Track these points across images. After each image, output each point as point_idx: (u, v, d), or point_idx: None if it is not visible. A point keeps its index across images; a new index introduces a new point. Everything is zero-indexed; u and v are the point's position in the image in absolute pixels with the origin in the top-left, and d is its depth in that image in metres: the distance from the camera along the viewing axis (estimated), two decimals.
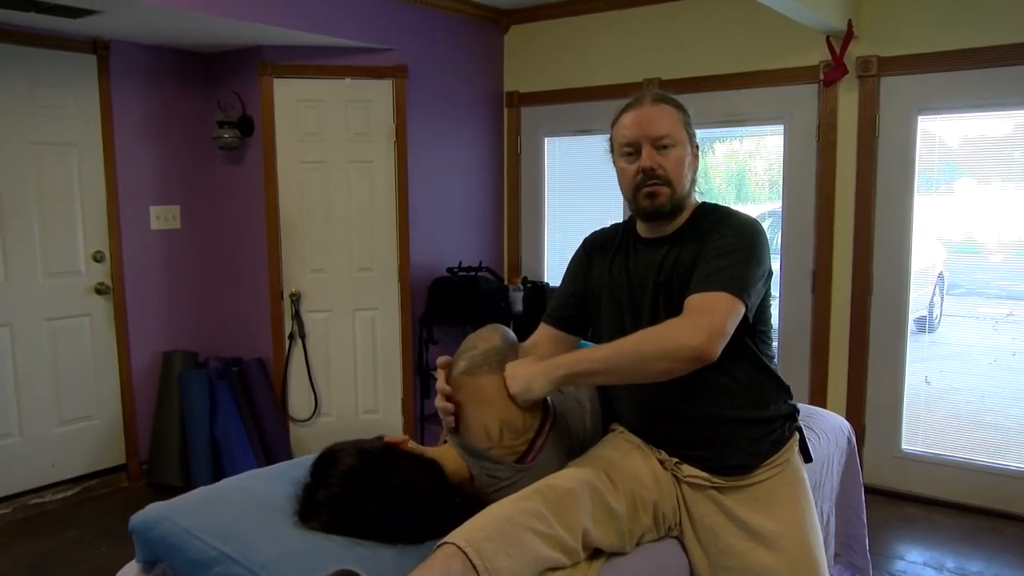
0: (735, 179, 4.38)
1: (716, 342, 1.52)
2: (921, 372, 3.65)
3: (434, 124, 4.20)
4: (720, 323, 1.53)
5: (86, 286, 3.74)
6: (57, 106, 3.58)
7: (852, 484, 2.36)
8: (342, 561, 1.36)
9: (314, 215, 3.99)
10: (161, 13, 3.13)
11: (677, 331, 1.54)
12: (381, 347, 4.15)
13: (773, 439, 1.72)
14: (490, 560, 1.34)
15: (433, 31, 4.14)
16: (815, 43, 3.57)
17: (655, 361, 1.54)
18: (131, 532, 1.65)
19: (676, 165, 1.68)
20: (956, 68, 3.35)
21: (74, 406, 3.72)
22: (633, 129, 1.68)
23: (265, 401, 3.99)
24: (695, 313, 1.55)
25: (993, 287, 3.69)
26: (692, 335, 1.51)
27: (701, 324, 1.52)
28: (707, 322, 1.52)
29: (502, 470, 1.64)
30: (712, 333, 1.51)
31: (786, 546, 1.64)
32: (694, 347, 1.50)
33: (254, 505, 1.62)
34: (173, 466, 3.85)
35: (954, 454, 3.57)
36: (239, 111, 3.95)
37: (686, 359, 1.52)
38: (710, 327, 1.51)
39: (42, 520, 3.51)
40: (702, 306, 1.55)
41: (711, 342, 1.51)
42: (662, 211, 1.69)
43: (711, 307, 1.54)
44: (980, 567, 3.02)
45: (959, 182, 3.59)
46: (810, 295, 3.76)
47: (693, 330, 1.52)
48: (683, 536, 1.74)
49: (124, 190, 3.81)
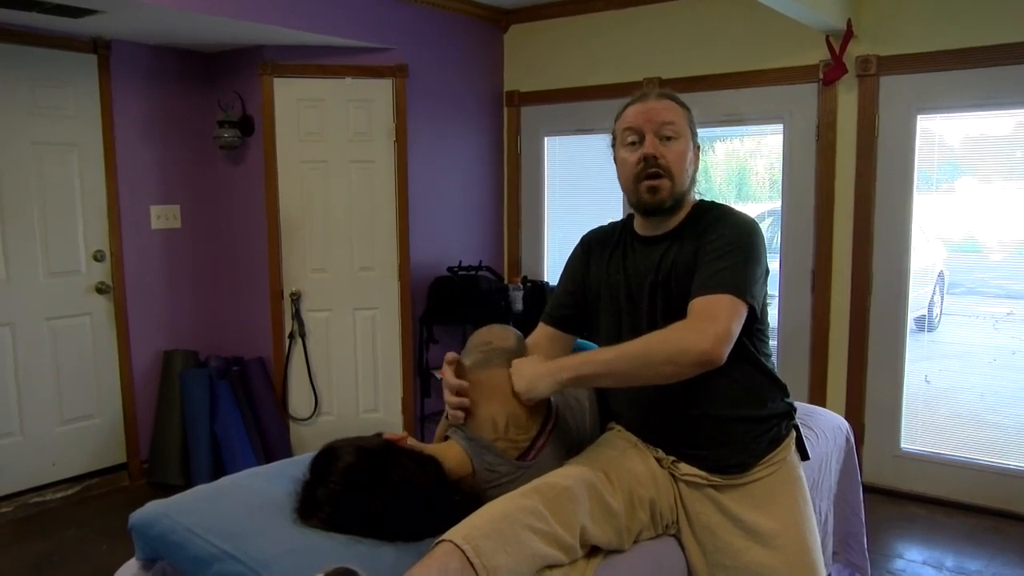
0: (736, 178, 4.39)
1: (723, 346, 1.53)
2: (921, 371, 3.65)
3: (434, 123, 4.20)
4: (726, 327, 1.54)
5: (87, 285, 3.74)
6: (58, 106, 3.58)
7: (850, 483, 2.37)
8: (341, 559, 1.36)
9: (314, 214, 4.00)
10: (162, 13, 3.14)
11: (684, 336, 1.54)
12: (381, 346, 4.15)
13: (770, 437, 1.72)
14: (488, 558, 1.35)
15: (433, 30, 4.15)
16: (815, 42, 3.57)
17: (662, 365, 1.55)
18: (131, 530, 1.65)
19: (678, 158, 1.69)
20: (955, 67, 3.35)
21: (75, 405, 3.73)
22: (637, 118, 1.69)
23: (266, 400, 4.00)
24: (701, 317, 1.56)
25: (993, 286, 3.69)
26: (700, 339, 1.52)
27: (707, 328, 1.53)
28: (713, 326, 1.53)
29: (503, 465, 1.64)
30: (719, 337, 1.52)
31: (783, 544, 1.64)
32: (701, 352, 1.51)
33: (254, 503, 1.62)
34: (174, 465, 3.86)
35: (954, 453, 3.57)
36: (240, 111, 3.96)
37: (693, 364, 1.53)
38: (717, 331, 1.52)
39: (43, 519, 3.51)
40: (707, 310, 1.56)
41: (718, 346, 1.52)
42: (663, 206, 1.70)
43: (716, 311, 1.55)
44: (979, 566, 3.02)
45: (960, 181, 3.59)
46: (810, 294, 3.76)
47: (700, 334, 1.52)
48: (680, 534, 1.74)
49: (125, 190, 3.81)
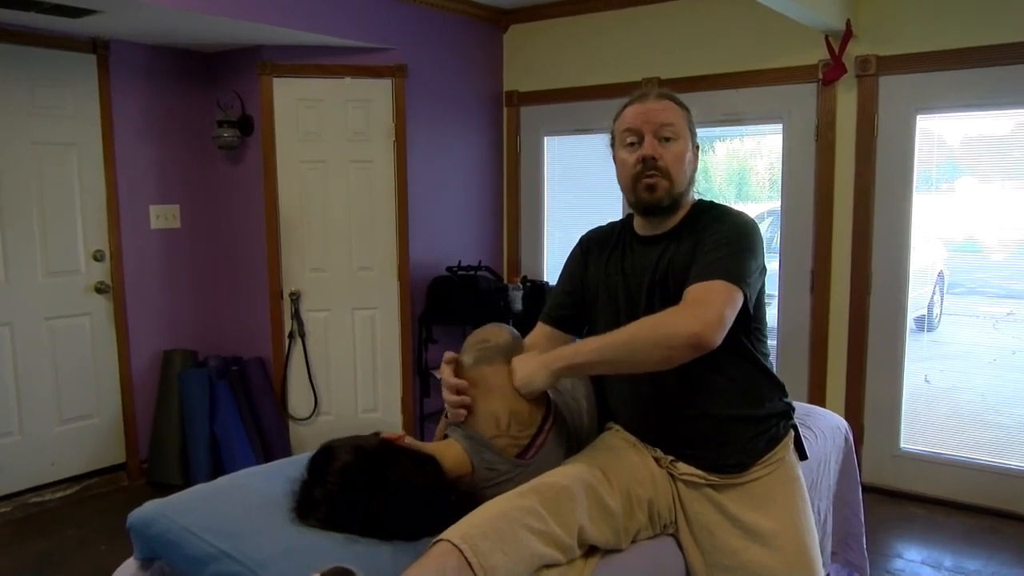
0: (736, 178, 4.39)
1: (715, 329, 1.51)
2: (921, 371, 3.65)
3: (434, 123, 4.20)
4: (718, 311, 1.52)
5: (86, 285, 3.74)
6: (57, 106, 3.58)
7: (849, 483, 2.36)
8: (339, 558, 1.36)
9: (314, 214, 4.00)
10: (161, 13, 3.14)
11: (674, 319, 1.53)
12: (381, 346, 4.15)
13: (768, 437, 1.72)
14: (485, 557, 1.34)
15: (433, 30, 4.14)
16: (814, 42, 3.57)
17: (653, 349, 1.53)
18: (129, 529, 1.65)
19: (676, 159, 1.68)
20: (955, 67, 3.34)
21: (74, 405, 3.73)
22: (637, 119, 1.69)
23: (265, 400, 4.00)
24: (693, 302, 1.55)
25: (993, 286, 3.69)
26: (690, 322, 1.50)
27: (699, 312, 1.52)
28: (704, 310, 1.52)
29: (502, 463, 1.64)
30: (709, 320, 1.50)
31: (781, 544, 1.64)
32: (692, 334, 1.49)
33: (251, 502, 1.62)
34: (173, 465, 3.86)
35: (954, 453, 3.56)
36: (239, 110, 3.96)
37: (684, 346, 1.51)
38: (708, 315, 1.51)
39: (42, 519, 3.51)
40: (699, 295, 1.55)
41: (709, 329, 1.50)
42: (660, 205, 1.70)
43: (709, 295, 1.54)
44: (978, 566, 3.02)
45: (960, 181, 3.58)
46: (809, 294, 3.76)
47: (692, 318, 1.51)
48: (679, 533, 1.74)
49: (124, 189, 3.81)
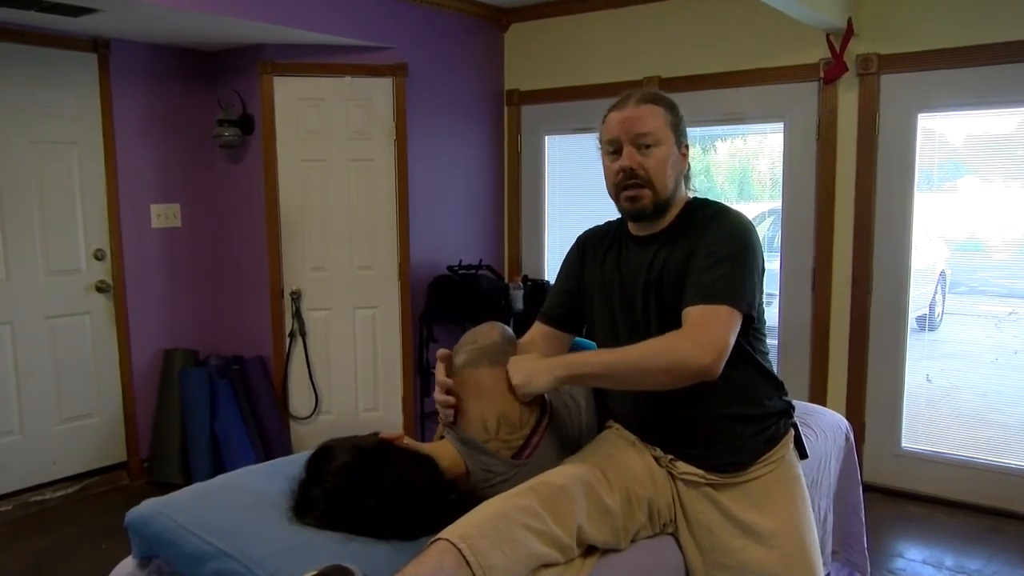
0: (737, 177, 4.38)
1: (721, 360, 1.53)
2: (922, 370, 3.64)
3: (434, 122, 4.20)
4: (724, 339, 1.54)
5: (87, 284, 3.75)
6: (58, 105, 3.58)
7: (850, 482, 2.36)
8: (336, 557, 1.36)
9: (314, 213, 3.99)
10: (162, 12, 3.14)
11: (684, 348, 1.53)
12: (381, 345, 4.15)
13: (768, 436, 1.72)
14: (484, 556, 1.34)
15: (433, 29, 4.14)
16: (815, 41, 3.56)
17: (658, 375, 1.55)
18: (127, 528, 1.65)
19: (658, 165, 1.66)
20: (956, 66, 3.34)
21: (75, 404, 3.73)
22: (615, 128, 1.68)
23: (265, 399, 4.00)
24: (698, 328, 1.55)
25: (995, 285, 3.68)
26: (699, 353, 1.51)
27: (705, 341, 1.52)
28: (710, 339, 1.52)
29: (497, 464, 1.64)
30: (718, 351, 1.52)
31: (781, 543, 1.64)
32: (701, 366, 1.51)
33: (249, 501, 1.62)
34: (174, 464, 3.86)
35: (955, 452, 3.56)
36: (240, 109, 3.96)
37: (691, 376, 1.54)
38: (716, 346, 1.52)
39: (43, 518, 3.52)
40: (704, 321, 1.55)
41: (717, 361, 1.52)
42: (644, 213, 1.70)
43: (713, 322, 1.54)
44: (979, 565, 3.01)
45: (962, 180, 3.57)
46: (810, 293, 3.75)
47: (699, 348, 1.52)
48: (678, 533, 1.74)
49: (125, 188, 3.81)
